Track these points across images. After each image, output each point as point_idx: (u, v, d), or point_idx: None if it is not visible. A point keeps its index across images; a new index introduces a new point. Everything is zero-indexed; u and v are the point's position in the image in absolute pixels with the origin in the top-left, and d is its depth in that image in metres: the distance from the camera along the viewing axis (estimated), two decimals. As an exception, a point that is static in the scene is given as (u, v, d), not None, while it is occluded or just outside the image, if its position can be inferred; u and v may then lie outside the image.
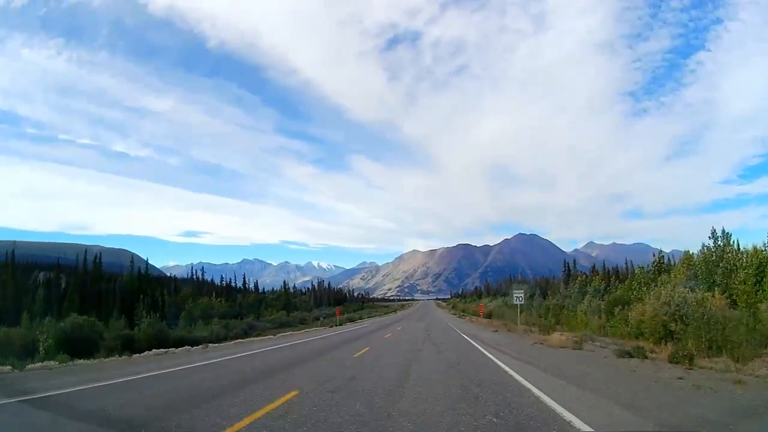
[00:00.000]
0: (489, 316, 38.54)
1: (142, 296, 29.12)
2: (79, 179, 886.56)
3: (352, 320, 44.00)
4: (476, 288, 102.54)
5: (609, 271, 46.16)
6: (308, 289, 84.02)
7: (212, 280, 66.44)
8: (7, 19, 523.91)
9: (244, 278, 65.14)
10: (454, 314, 59.78)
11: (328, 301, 78.10)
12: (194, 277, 57.48)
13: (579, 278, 30.35)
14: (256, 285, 65.19)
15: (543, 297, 40.58)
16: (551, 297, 35.74)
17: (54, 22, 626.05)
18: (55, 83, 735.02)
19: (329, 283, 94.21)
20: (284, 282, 66.57)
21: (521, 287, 34.75)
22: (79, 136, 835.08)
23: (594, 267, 51.45)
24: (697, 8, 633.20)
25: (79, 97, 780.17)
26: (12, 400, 6.53)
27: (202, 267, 68.34)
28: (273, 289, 75.38)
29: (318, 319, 38.59)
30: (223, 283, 56.89)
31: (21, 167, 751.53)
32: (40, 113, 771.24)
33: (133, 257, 40.63)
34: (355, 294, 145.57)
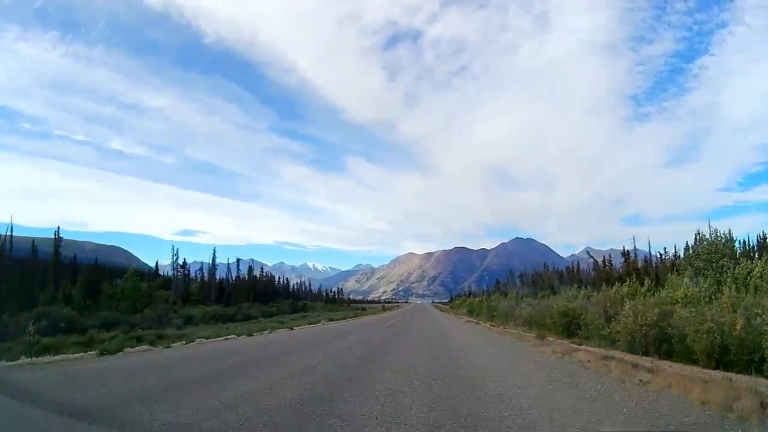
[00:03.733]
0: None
1: None
2: (74, 176, 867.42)
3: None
4: (496, 282, 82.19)
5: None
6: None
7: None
8: (2, 11, 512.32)
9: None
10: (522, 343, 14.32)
11: (245, 296, 48.90)
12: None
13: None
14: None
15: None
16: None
17: (49, 14, 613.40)
18: (50, 78, 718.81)
19: (262, 270, 64.34)
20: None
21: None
22: (74, 132, 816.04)
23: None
24: (701, 11, 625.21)
25: (74, 93, 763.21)
26: None
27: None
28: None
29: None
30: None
31: (16, 163, 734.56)
32: (35, 108, 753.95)
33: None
34: (315, 290, 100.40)
